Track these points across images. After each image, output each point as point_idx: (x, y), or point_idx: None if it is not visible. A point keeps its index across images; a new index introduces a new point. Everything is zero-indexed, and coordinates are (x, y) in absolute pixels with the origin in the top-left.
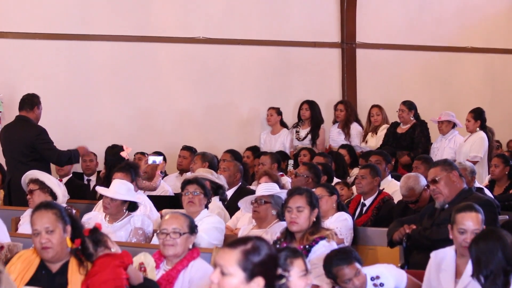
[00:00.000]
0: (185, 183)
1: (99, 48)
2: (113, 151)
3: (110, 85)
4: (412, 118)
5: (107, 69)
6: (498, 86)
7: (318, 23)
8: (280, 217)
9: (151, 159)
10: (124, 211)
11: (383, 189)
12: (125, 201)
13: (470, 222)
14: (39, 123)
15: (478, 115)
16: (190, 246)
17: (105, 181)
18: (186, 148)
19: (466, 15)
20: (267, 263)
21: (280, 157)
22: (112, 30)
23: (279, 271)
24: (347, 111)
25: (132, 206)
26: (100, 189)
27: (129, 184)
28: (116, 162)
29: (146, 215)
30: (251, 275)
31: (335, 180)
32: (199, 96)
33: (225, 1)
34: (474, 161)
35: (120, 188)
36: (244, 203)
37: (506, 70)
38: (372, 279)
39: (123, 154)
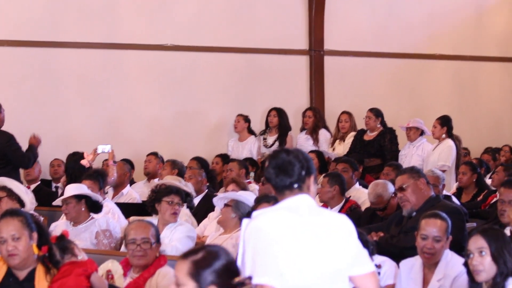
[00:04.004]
0: (170, 191)
1: (66, 55)
2: (74, 158)
3: (77, 92)
4: (378, 125)
5: (75, 76)
6: (466, 93)
7: (286, 30)
8: None
9: (100, 148)
10: (84, 210)
11: (350, 197)
12: (80, 200)
13: (433, 229)
14: (4, 129)
15: (444, 121)
16: (157, 255)
17: None
18: (151, 153)
19: (434, 22)
20: (219, 272)
21: (247, 164)
22: (79, 37)
23: (237, 279)
24: (315, 117)
25: (95, 207)
26: (55, 202)
27: (81, 185)
28: (77, 170)
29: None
30: (203, 285)
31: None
32: (167, 104)
33: (194, 8)
34: (442, 169)
35: (70, 188)
36: (219, 200)
37: (474, 77)
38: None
39: (83, 162)
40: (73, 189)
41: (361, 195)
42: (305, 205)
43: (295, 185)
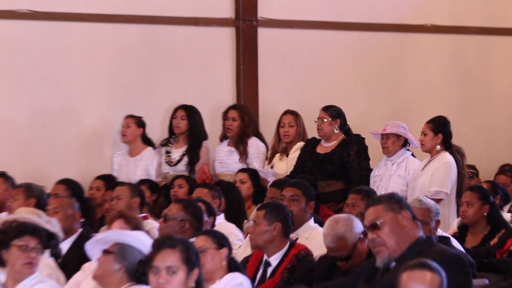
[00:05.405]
0: (23, 231)
1: None
2: None
3: None
4: (337, 131)
5: None
6: (472, 82)
7: None
8: (133, 277)
9: None
10: None
11: (297, 239)
12: None
13: (419, 286)
14: None
15: (439, 126)
16: None
17: None
18: None
19: None
20: None
21: (142, 190)
22: None
23: None
24: (242, 121)
25: None
26: None
27: None
28: None
29: None
30: None
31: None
32: (21, 99)
33: None
34: (436, 198)
35: None
36: (95, 245)
37: (484, 59)
38: None
39: None
40: None
41: (314, 236)
42: None
43: None
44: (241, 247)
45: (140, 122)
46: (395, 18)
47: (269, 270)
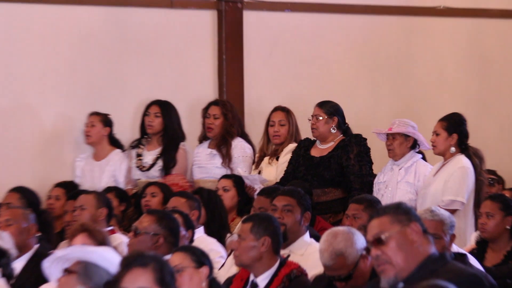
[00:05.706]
0: None
1: None
2: None
3: None
4: (334, 130)
5: None
6: (491, 73)
7: None
8: None
9: None
10: None
11: (288, 256)
12: None
13: None
14: None
15: (454, 125)
16: None
17: None
18: None
19: None
20: None
21: (109, 199)
22: None
23: None
24: (225, 118)
25: None
26: None
27: None
28: None
29: None
30: None
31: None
32: None
33: None
34: (451, 209)
35: None
36: (55, 263)
37: (505, 45)
38: None
39: None
40: None
41: (310, 253)
42: None
43: None
44: (224, 265)
45: (106, 121)
46: None
47: None
